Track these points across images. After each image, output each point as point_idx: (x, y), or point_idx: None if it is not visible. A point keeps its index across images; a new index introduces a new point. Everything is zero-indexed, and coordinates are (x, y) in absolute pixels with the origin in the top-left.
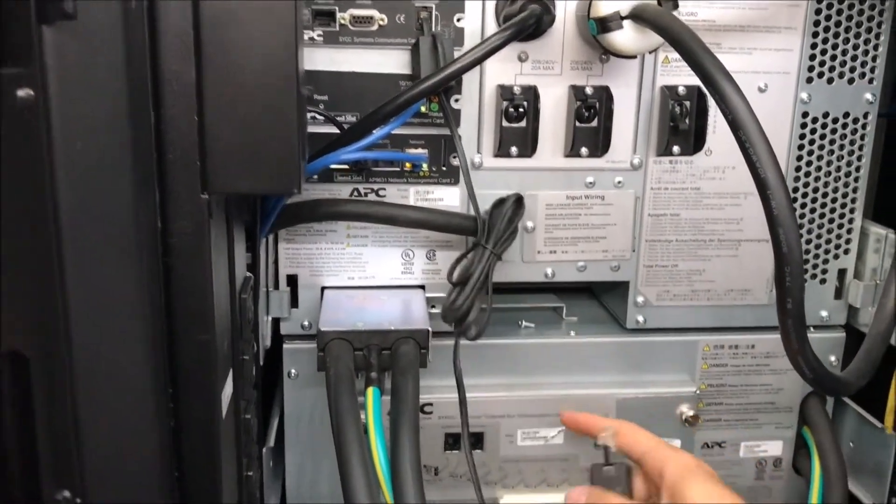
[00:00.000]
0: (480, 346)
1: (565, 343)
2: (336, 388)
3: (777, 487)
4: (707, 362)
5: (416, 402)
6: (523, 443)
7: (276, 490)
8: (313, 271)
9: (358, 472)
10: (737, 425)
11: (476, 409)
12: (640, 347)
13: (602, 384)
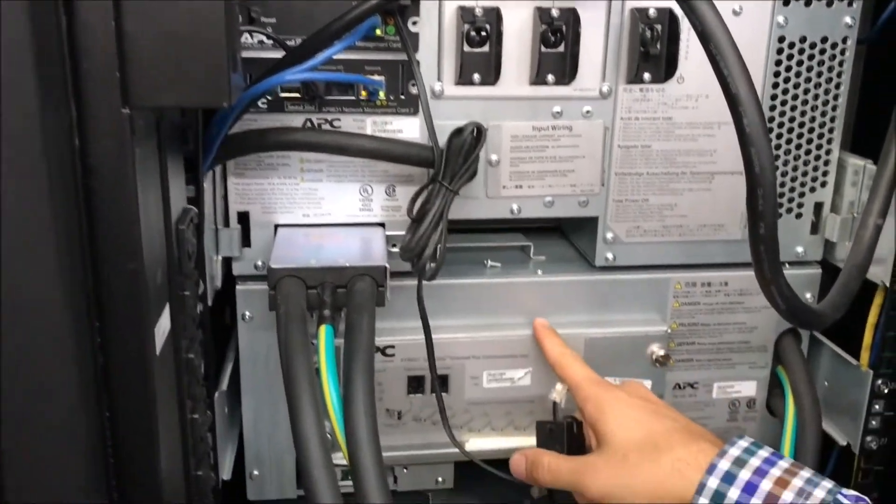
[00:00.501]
0: (445, 286)
1: (532, 282)
2: (286, 326)
3: (751, 428)
4: (678, 301)
5: (371, 340)
6: (489, 385)
7: (232, 437)
8: (265, 208)
9: (308, 412)
10: (709, 365)
11: (440, 350)
12: (610, 286)
13: (570, 324)
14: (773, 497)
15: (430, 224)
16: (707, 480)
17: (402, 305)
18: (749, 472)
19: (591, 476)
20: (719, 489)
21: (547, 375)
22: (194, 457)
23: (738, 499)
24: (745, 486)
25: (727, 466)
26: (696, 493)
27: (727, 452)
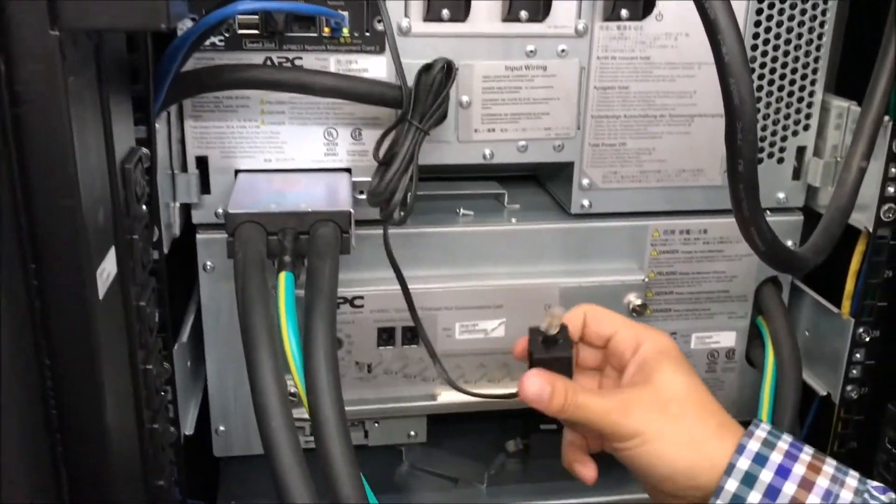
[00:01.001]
0: (416, 234)
1: (506, 230)
2: (244, 273)
3: (729, 380)
4: (656, 249)
5: (334, 287)
6: (462, 336)
7: (196, 391)
8: (225, 153)
9: (266, 363)
10: (688, 315)
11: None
12: (586, 234)
13: (545, 273)
14: (808, 482)
15: (399, 167)
16: (736, 461)
17: (371, 255)
18: (780, 455)
19: (629, 415)
20: (750, 471)
21: (522, 327)
22: (149, 409)
23: (771, 481)
24: (778, 469)
25: (757, 447)
26: (724, 475)
27: (754, 433)
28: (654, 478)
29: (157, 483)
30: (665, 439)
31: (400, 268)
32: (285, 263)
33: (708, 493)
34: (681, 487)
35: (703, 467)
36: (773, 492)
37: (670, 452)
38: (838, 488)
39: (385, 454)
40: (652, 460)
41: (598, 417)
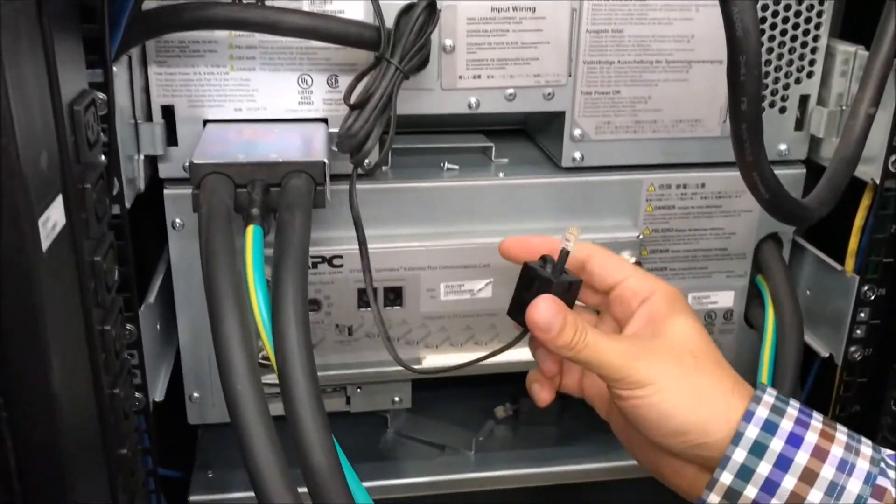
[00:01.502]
0: (397, 189)
1: (493, 185)
2: (208, 226)
3: (727, 342)
4: (651, 204)
5: (305, 241)
6: (447, 297)
7: (167, 356)
8: (192, 101)
9: (231, 321)
10: (684, 275)
11: (393, 260)
12: (577, 188)
13: (534, 231)
14: (822, 451)
15: (375, 107)
16: (745, 429)
17: (349, 212)
18: (791, 423)
19: (643, 362)
20: (760, 440)
21: (510, 287)
22: (108, 374)
23: (782, 451)
24: (790, 437)
25: (766, 414)
26: (731, 444)
27: (762, 399)
28: (664, 431)
29: (120, 452)
30: (680, 391)
31: (380, 226)
32: (253, 216)
33: (717, 454)
34: (691, 444)
35: (718, 423)
36: (784, 462)
37: (685, 405)
38: (854, 457)
39: (369, 421)
40: (665, 411)
41: (608, 361)
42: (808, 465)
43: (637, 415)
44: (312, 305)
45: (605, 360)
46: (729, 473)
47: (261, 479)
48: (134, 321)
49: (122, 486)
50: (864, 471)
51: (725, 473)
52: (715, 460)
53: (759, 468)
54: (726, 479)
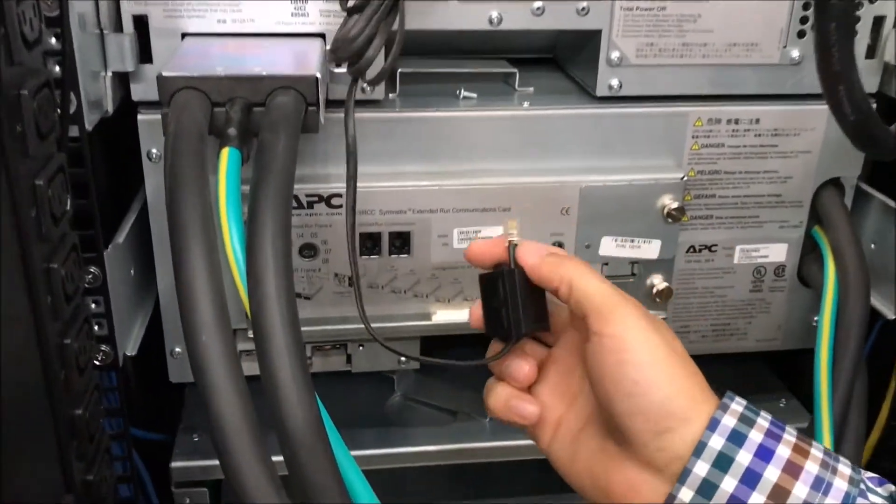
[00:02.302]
0: (405, 119)
1: (516, 116)
2: (174, 147)
3: (777, 301)
4: (698, 142)
5: (289, 167)
6: (461, 245)
7: (144, 305)
8: (169, 11)
9: (197, 260)
10: (732, 224)
11: (400, 201)
12: (614, 122)
13: (563, 170)
14: (795, 467)
15: (378, 10)
16: (708, 439)
17: None
18: (760, 434)
19: (629, 306)
20: (725, 451)
21: (533, 233)
22: (56, 320)
23: (750, 464)
24: (759, 450)
25: (733, 423)
26: (692, 455)
27: (729, 407)
28: (626, 389)
29: (72, 412)
30: (652, 350)
31: (387, 161)
32: (230, 138)
33: (676, 460)
34: (652, 427)
35: (684, 408)
36: (752, 477)
37: (654, 364)
38: (830, 475)
39: (373, 383)
40: (634, 360)
41: (591, 301)
42: (779, 482)
43: (603, 360)
44: (308, 251)
45: (587, 298)
46: (689, 489)
47: (226, 444)
48: (98, 263)
49: (77, 453)
50: (842, 491)
51: (685, 490)
52: (674, 473)
53: (724, 484)
54: (685, 496)
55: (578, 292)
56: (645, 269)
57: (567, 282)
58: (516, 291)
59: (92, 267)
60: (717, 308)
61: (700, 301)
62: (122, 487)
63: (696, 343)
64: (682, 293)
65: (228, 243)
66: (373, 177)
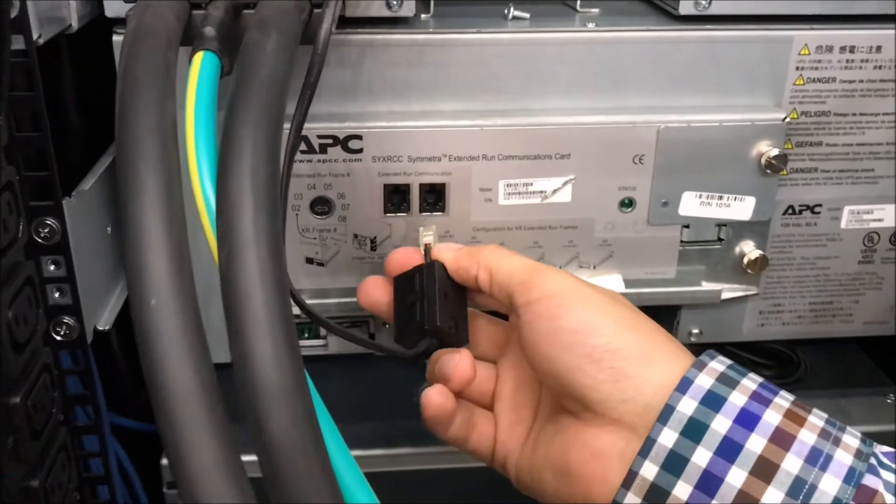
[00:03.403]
0: (440, 44)
1: (577, 40)
2: (131, 49)
3: (892, 276)
4: (803, 75)
5: (281, 75)
6: (508, 201)
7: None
8: None
9: (149, 194)
10: (841, 178)
11: (433, 146)
12: (699, 48)
13: (636, 108)
14: (786, 435)
15: None
16: (677, 402)
17: (375, 74)
18: (743, 397)
19: (558, 273)
20: (696, 416)
21: (598, 186)
22: None
23: (729, 433)
24: (741, 414)
25: (709, 384)
26: (657, 422)
27: (707, 365)
28: (562, 347)
29: (7, 401)
30: (589, 300)
31: (417, 97)
32: (205, 39)
33: (646, 404)
34: (604, 370)
35: (641, 347)
36: (730, 448)
37: (595, 314)
38: (831, 447)
39: (401, 369)
40: (565, 316)
41: (512, 277)
42: (765, 453)
43: (536, 329)
44: (321, 207)
45: (511, 261)
46: (652, 464)
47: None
48: (55, 214)
49: (14, 453)
50: (845, 466)
51: (647, 464)
52: (648, 427)
53: (696, 456)
54: (649, 471)
55: (499, 274)
56: (735, 232)
57: (485, 266)
58: (434, 283)
59: (49, 219)
60: (818, 283)
61: (797, 274)
62: (103, 489)
63: (791, 325)
64: (776, 264)
65: (196, 178)
66: (400, 115)
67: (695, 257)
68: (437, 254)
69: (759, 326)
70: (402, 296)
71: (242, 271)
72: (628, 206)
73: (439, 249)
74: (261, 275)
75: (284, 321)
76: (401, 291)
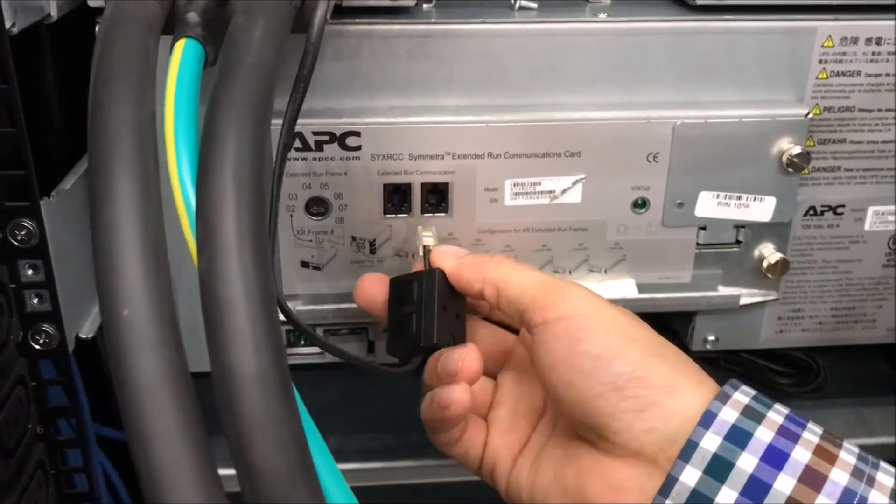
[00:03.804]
0: (443, 35)
1: (589, 31)
2: (106, 35)
3: None
4: (826, 68)
5: (268, 62)
6: (515, 202)
7: None
8: None
9: (123, 194)
10: (865, 178)
11: (436, 143)
12: (716, 39)
13: (652, 104)
14: (817, 475)
15: None
16: (701, 438)
17: (375, 67)
18: (771, 432)
19: (573, 290)
20: (721, 453)
21: (609, 186)
22: None
23: (756, 472)
24: (768, 451)
25: (733, 418)
26: (678, 459)
27: (730, 397)
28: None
29: None
30: (612, 323)
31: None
32: (189, 25)
33: (670, 436)
34: (627, 398)
35: (665, 375)
36: (757, 487)
37: (619, 339)
38: (865, 488)
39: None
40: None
41: (529, 294)
42: (795, 494)
43: (554, 349)
44: (317, 207)
45: (523, 292)
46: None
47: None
48: (33, 215)
49: None
50: None
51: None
52: (671, 459)
53: (721, 497)
54: None
55: (508, 290)
56: (754, 234)
57: (492, 282)
58: (433, 296)
59: (25, 220)
60: (841, 287)
61: (818, 278)
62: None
63: (811, 332)
64: (797, 268)
65: (175, 176)
66: (400, 110)
67: (711, 261)
68: (437, 260)
69: (778, 333)
70: (398, 302)
71: (224, 280)
72: (642, 207)
73: (440, 255)
74: (244, 284)
75: (270, 335)
76: (397, 297)
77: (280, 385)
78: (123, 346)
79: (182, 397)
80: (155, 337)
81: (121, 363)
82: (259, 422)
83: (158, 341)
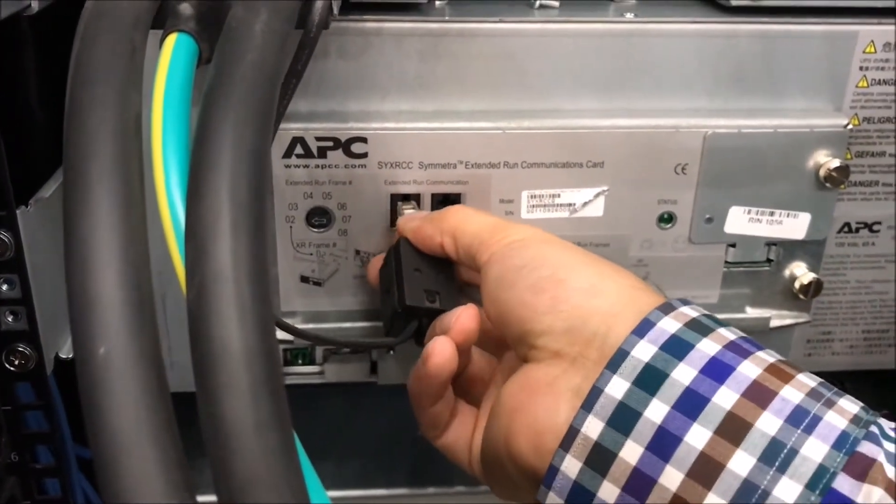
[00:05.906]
0: (458, 34)
1: (613, 32)
2: (87, 29)
3: None
4: (867, 76)
5: (271, 58)
6: (532, 215)
7: None
8: None
9: (100, 210)
10: None
11: (448, 151)
12: (750, 43)
13: (679, 111)
14: (765, 391)
15: None
16: (633, 346)
17: (383, 68)
18: (717, 345)
19: (520, 227)
20: (654, 363)
21: (634, 198)
22: None
23: (693, 384)
24: (710, 364)
25: (674, 328)
26: (606, 368)
27: (675, 309)
28: (531, 281)
29: None
30: (560, 245)
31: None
32: (181, 18)
33: (596, 349)
34: (542, 315)
35: (605, 288)
36: (693, 401)
37: (555, 254)
38: (821, 408)
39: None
40: (538, 256)
41: (479, 235)
42: (736, 410)
43: (490, 277)
44: (319, 218)
45: (476, 220)
46: (597, 419)
47: None
48: (8, 226)
49: None
50: (837, 429)
51: (591, 419)
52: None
53: (649, 411)
54: (593, 428)
55: (463, 237)
56: (786, 253)
57: (449, 231)
58: (401, 261)
59: (0, 231)
60: (874, 309)
61: (851, 299)
62: None
63: (841, 356)
64: (829, 288)
65: (162, 189)
66: (410, 115)
67: (741, 280)
68: (401, 228)
69: (807, 356)
70: (384, 286)
71: (216, 317)
72: (668, 222)
73: (403, 222)
74: (240, 322)
75: (270, 382)
76: (382, 282)
77: (282, 446)
78: (98, 390)
79: (166, 451)
80: (136, 378)
81: (95, 410)
82: (256, 488)
83: (140, 385)
